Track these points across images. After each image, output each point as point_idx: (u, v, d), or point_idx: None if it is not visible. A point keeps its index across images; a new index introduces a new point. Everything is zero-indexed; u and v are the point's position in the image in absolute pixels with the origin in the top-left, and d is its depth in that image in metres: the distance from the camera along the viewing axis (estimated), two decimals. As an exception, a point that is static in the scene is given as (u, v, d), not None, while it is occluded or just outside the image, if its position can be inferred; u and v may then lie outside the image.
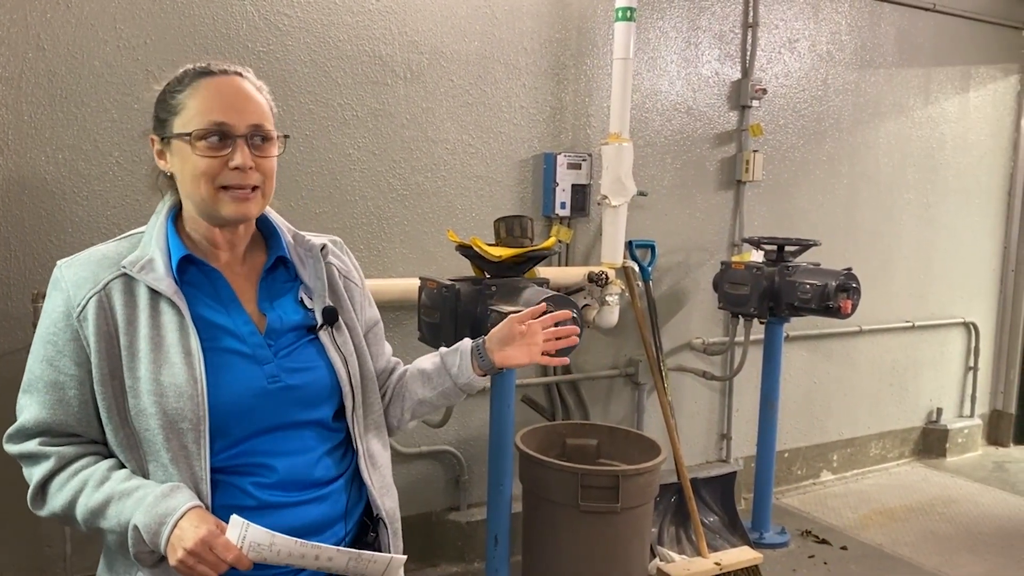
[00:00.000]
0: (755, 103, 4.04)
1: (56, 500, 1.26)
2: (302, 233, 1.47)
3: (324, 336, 1.38)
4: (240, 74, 1.33)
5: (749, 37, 4.04)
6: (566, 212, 3.52)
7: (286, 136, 1.37)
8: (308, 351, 1.36)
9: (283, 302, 1.38)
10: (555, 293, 2.71)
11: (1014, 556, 3.76)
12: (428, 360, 1.57)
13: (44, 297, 2.64)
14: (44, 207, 2.65)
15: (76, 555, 2.73)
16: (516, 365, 1.51)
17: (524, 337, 1.50)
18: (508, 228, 2.92)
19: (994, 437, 5.39)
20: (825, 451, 4.67)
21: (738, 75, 4.05)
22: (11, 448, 1.30)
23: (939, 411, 5.12)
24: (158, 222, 1.34)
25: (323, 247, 1.44)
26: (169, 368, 1.23)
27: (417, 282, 2.81)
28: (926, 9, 4.64)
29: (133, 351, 1.24)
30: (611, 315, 3.46)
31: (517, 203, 3.50)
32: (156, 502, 1.19)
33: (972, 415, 5.27)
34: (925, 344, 5.02)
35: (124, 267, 1.26)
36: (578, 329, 1.56)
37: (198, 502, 1.21)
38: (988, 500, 4.44)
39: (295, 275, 1.41)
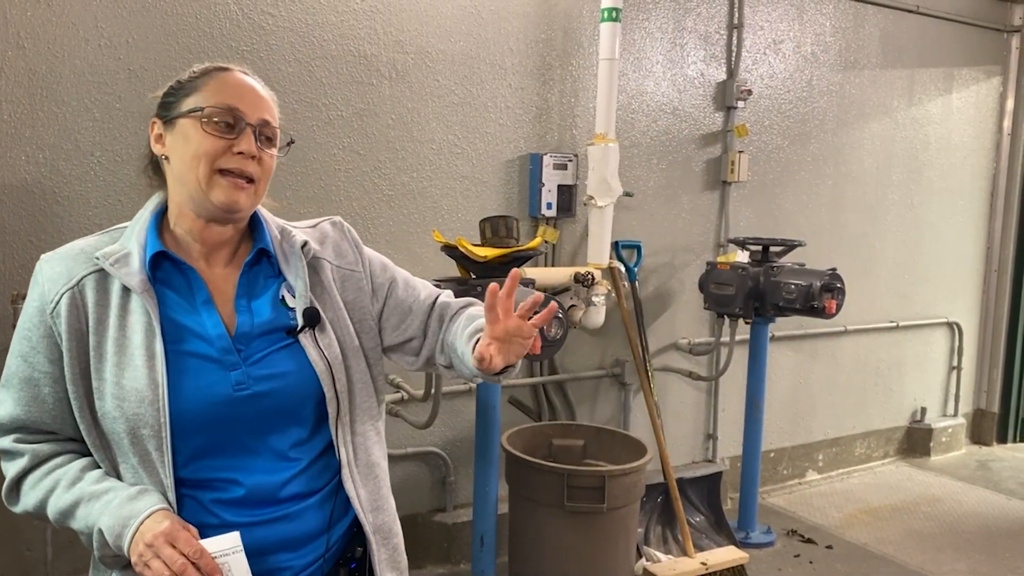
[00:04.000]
0: (740, 104, 4.05)
1: (29, 498, 1.24)
2: (291, 226, 1.40)
3: (305, 339, 1.29)
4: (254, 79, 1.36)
5: (734, 38, 4.06)
6: (552, 213, 3.52)
7: (291, 142, 1.36)
8: (283, 356, 1.28)
9: (261, 302, 1.31)
10: (541, 293, 2.70)
11: (997, 554, 3.79)
12: (459, 330, 1.40)
13: (24, 298, 2.63)
14: (24, 207, 2.62)
15: (57, 559, 2.70)
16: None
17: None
18: (494, 228, 2.92)
19: (977, 436, 5.42)
20: (810, 451, 4.68)
21: (723, 76, 4.06)
22: None
23: (923, 410, 5.15)
24: (142, 218, 1.30)
25: (304, 244, 1.35)
26: (132, 371, 1.19)
27: (402, 283, 2.79)
28: (909, 11, 4.67)
29: (100, 352, 1.21)
30: (597, 316, 3.46)
31: (503, 203, 3.49)
32: (122, 504, 1.17)
33: (956, 414, 5.30)
34: (909, 344, 5.05)
35: (98, 259, 1.23)
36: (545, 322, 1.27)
37: (166, 505, 1.18)
38: (971, 499, 4.47)
39: (278, 271, 1.34)
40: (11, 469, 1.25)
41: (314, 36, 3.03)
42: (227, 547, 1.14)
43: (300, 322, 1.29)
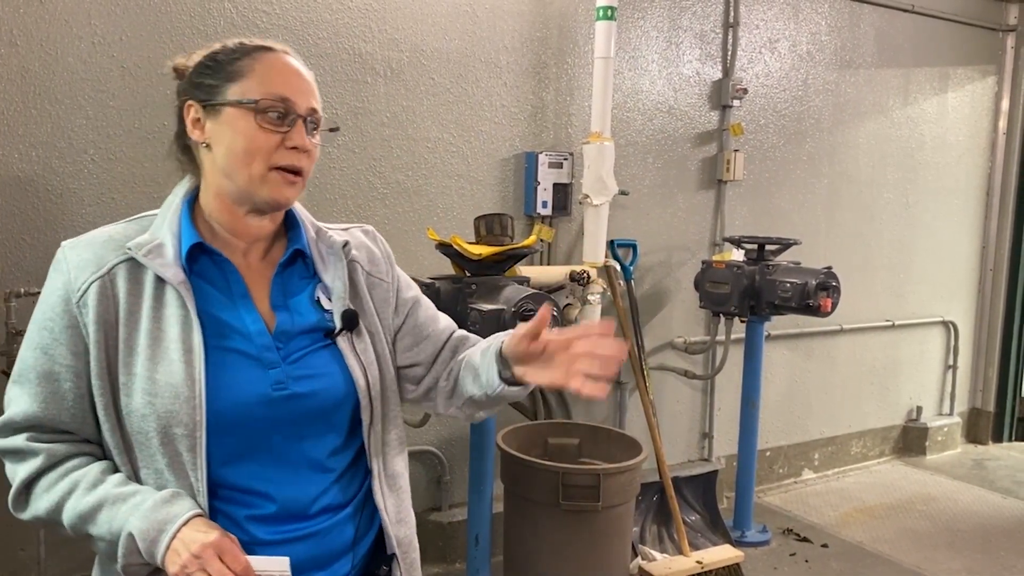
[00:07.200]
0: (736, 103, 4.05)
1: (41, 502, 1.14)
2: (327, 227, 1.34)
3: (343, 342, 1.24)
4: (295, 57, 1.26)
5: (730, 37, 4.06)
6: (548, 211, 3.51)
7: (334, 128, 1.30)
8: (322, 357, 1.23)
9: (298, 301, 1.25)
10: (535, 291, 2.70)
11: (992, 553, 3.79)
12: (479, 350, 1.33)
13: (18, 296, 2.61)
14: (17, 205, 2.61)
15: (50, 558, 2.69)
16: (543, 385, 1.24)
17: (544, 356, 1.22)
18: (488, 226, 2.92)
19: (973, 435, 5.43)
20: (806, 450, 4.68)
21: (719, 75, 4.06)
22: None
23: (919, 409, 5.16)
24: (173, 205, 1.22)
25: (345, 244, 1.30)
26: (167, 366, 1.12)
27: (397, 281, 2.79)
28: (905, 10, 4.67)
29: (131, 345, 1.14)
30: (593, 314, 3.45)
31: (498, 202, 3.49)
32: (156, 507, 1.08)
33: (951, 413, 5.30)
34: (905, 343, 5.05)
35: (130, 249, 1.15)
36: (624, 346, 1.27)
37: (200, 510, 1.11)
38: (967, 497, 4.48)
39: (313, 272, 1.28)
40: (22, 470, 1.14)
41: (308, 34, 3.02)
42: (275, 570, 1.07)
43: (338, 323, 1.24)
